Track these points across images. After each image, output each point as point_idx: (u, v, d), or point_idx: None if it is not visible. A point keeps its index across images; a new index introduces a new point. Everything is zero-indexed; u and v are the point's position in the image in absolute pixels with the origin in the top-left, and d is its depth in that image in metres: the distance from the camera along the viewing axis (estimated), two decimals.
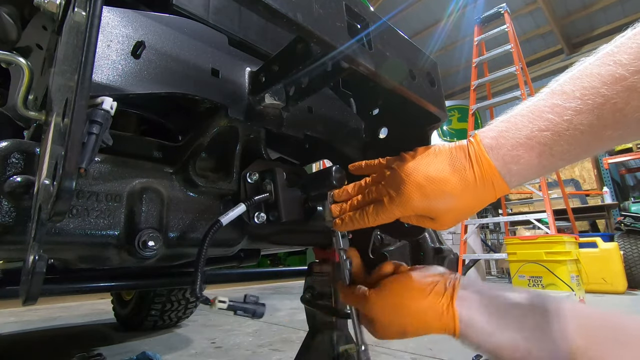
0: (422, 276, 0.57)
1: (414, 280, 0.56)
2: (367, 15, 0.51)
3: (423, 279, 0.56)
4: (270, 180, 0.66)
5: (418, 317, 0.52)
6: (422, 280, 0.56)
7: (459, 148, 0.50)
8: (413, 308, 0.53)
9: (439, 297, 0.53)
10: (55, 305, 4.10)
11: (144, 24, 0.54)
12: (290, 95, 0.64)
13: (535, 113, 0.45)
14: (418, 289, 0.54)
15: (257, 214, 0.65)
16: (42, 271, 0.38)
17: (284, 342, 2.17)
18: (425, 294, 0.53)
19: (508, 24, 4.80)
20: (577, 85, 0.42)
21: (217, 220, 0.57)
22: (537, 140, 0.44)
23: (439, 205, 0.49)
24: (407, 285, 0.55)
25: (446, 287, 0.54)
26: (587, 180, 7.12)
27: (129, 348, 2.16)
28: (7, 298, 0.99)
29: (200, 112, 0.68)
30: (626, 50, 0.39)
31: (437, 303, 0.52)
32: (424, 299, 0.53)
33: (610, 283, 3.97)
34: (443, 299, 0.52)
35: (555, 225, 3.76)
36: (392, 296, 0.55)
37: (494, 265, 6.77)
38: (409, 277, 0.57)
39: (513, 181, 0.48)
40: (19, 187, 0.46)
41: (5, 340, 2.56)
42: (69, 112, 0.35)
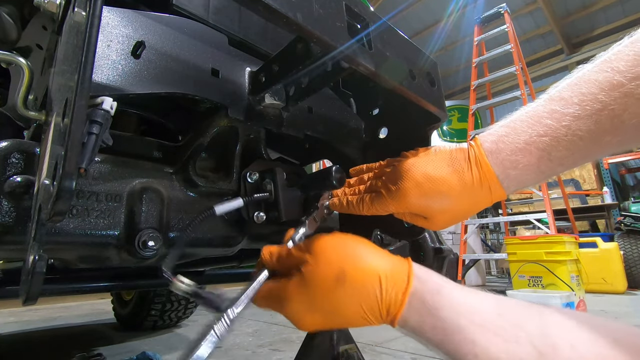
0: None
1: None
2: (367, 15, 0.51)
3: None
4: (270, 180, 0.66)
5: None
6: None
7: (459, 150, 0.51)
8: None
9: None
10: (55, 305, 4.10)
11: (144, 24, 0.54)
12: (290, 95, 0.64)
13: (534, 119, 0.45)
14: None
15: (257, 213, 0.65)
16: (42, 271, 0.38)
17: (284, 342, 2.17)
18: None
19: (508, 24, 4.80)
20: (575, 91, 0.43)
21: (211, 207, 0.57)
22: (535, 146, 0.45)
23: (435, 204, 0.49)
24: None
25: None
26: (587, 180, 7.12)
27: (129, 348, 2.16)
28: (7, 298, 0.99)
29: (200, 112, 0.69)
30: (623, 58, 0.40)
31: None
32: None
33: (610, 283, 3.98)
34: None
35: (555, 225, 3.76)
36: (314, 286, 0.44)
37: (494, 265, 6.77)
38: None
39: (511, 186, 0.48)
40: (19, 187, 0.46)
41: (5, 340, 2.56)
42: (69, 112, 0.35)
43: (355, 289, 0.41)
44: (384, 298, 0.41)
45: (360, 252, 0.44)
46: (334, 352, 0.79)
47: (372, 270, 0.42)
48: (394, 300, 0.41)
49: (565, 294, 2.72)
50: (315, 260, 0.43)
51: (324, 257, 0.43)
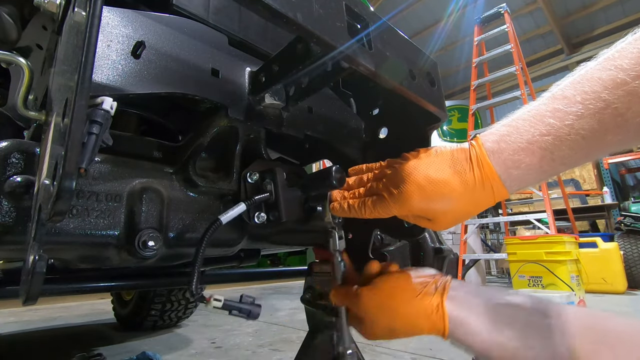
0: (414, 276, 0.57)
1: (405, 279, 0.56)
2: (367, 15, 0.51)
3: (414, 279, 0.56)
4: (270, 180, 0.66)
5: (408, 316, 0.53)
6: (413, 280, 0.56)
7: (461, 150, 0.50)
8: (403, 307, 0.53)
9: (429, 297, 0.53)
10: (55, 305, 4.10)
11: (144, 24, 0.54)
12: (290, 95, 0.64)
13: (537, 117, 0.45)
14: (409, 288, 0.54)
15: (258, 213, 0.65)
16: (42, 271, 0.38)
17: (284, 342, 2.17)
18: (415, 293, 0.54)
19: (508, 24, 4.80)
20: (578, 89, 0.42)
21: (217, 218, 0.57)
22: (538, 145, 0.44)
23: (438, 206, 0.49)
24: (399, 284, 0.55)
25: (437, 287, 0.54)
26: (587, 180, 7.12)
27: (129, 348, 2.16)
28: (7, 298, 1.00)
29: (200, 112, 0.68)
30: (627, 55, 0.39)
31: (427, 303, 0.52)
32: (415, 298, 0.53)
33: (610, 283, 3.98)
34: (433, 299, 0.53)
35: (555, 225, 3.76)
36: (384, 294, 0.55)
37: (494, 265, 6.77)
38: (401, 277, 0.57)
39: (513, 186, 0.48)
40: (19, 187, 0.46)
41: (5, 340, 2.56)
42: (69, 112, 0.35)
43: (405, 334, 0.54)
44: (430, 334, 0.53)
45: (402, 313, 0.53)
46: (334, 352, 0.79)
47: (415, 329, 0.53)
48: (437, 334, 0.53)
49: (565, 294, 2.72)
50: (367, 322, 0.56)
51: (374, 319, 0.55)
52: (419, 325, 0.52)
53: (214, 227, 0.56)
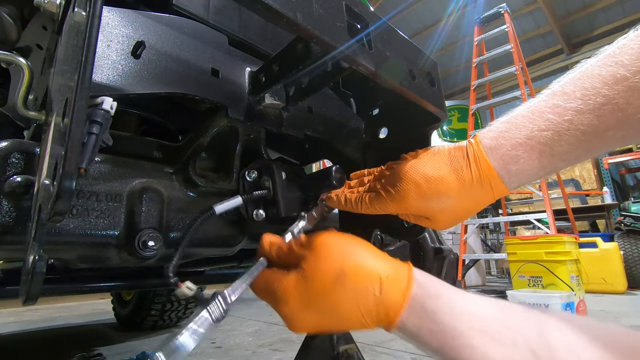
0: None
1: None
2: (367, 15, 0.51)
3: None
4: (268, 176, 0.66)
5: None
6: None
7: (458, 148, 0.50)
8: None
9: None
10: (55, 305, 4.10)
11: (144, 24, 0.54)
12: (290, 95, 0.64)
13: (536, 113, 0.45)
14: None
15: (256, 211, 0.65)
16: (42, 271, 0.38)
17: (284, 342, 2.17)
18: None
19: (508, 24, 4.80)
20: (578, 85, 0.42)
21: (211, 207, 0.57)
22: (537, 140, 0.44)
23: (435, 204, 0.49)
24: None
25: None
26: (587, 180, 7.12)
27: (129, 348, 2.16)
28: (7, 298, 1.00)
29: (200, 112, 0.68)
30: (627, 51, 0.39)
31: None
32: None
33: (610, 283, 3.97)
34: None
35: (555, 225, 3.76)
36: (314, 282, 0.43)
37: (494, 265, 6.77)
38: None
39: (512, 182, 0.47)
40: (19, 187, 0.46)
41: (5, 340, 2.56)
42: (69, 112, 0.35)
43: (355, 288, 0.40)
44: (384, 299, 0.40)
45: (361, 252, 0.43)
46: (334, 352, 0.79)
47: (373, 270, 0.41)
48: (394, 302, 0.40)
49: (565, 294, 2.72)
50: (316, 257, 0.43)
51: (324, 254, 0.43)
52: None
53: (207, 215, 0.56)
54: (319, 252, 0.43)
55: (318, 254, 0.43)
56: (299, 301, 0.42)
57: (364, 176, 0.61)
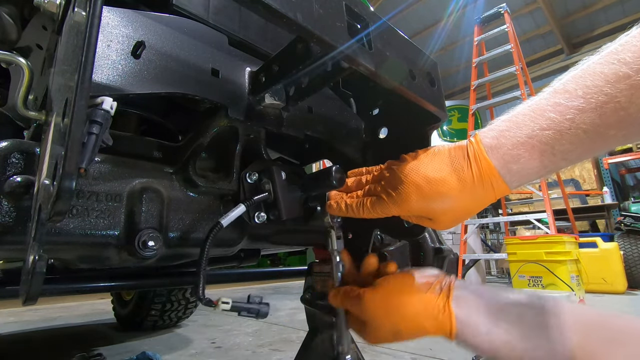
0: (417, 277, 0.56)
1: (409, 280, 0.55)
2: (367, 15, 0.51)
3: (418, 280, 0.55)
4: (268, 179, 0.66)
5: (413, 317, 0.51)
6: (417, 281, 0.55)
7: (458, 148, 0.50)
8: (409, 309, 0.52)
9: (435, 297, 0.52)
10: (55, 305, 4.10)
11: (144, 24, 0.54)
12: (290, 95, 0.64)
13: (537, 112, 0.44)
14: (414, 290, 0.53)
15: (257, 213, 0.65)
16: (42, 271, 0.38)
17: (284, 342, 2.17)
18: (421, 293, 0.53)
19: (508, 24, 4.80)
20: (579, 84, 0.42)
21: (218, 222, 0.57)
22: (538, 139, 0.44)
23: (437, 205, 0.49)
24: (403, 285, 0.54)
25: (442, 287, 0.53)
26: (587, 180, 7.12)
27: (129, 348, 2.16)
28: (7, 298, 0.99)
29: (200, 112, 0.69)
30: (630, 49, 0.39)
31: (433, 303, 0.51)
32: (420, 298, 0.52)
33: (610, 283, 3.97)
34: (439, 299, 0.52)
35: (555, 225, 3.76)
36: (388, 295, 0.54)
37: (494, 265, 6.77)
38: (405, 277, 0.56)
39: (513, 181, 0.47)
40: (19, 187, 0.46)
41: (5, 340, 2.56)
42: (69, 112, 0.35)
43: (411, 336, 0.53)
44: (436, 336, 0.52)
45: (410, 312, 0.52)
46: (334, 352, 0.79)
47: (421, 330, 0.52)
48: (444, 336, 0.52)
49: (565, 294, 2.72)
50: (371, 324, 0.54)
51: (379, 321, 0.53)
52: (424, 326, 0.51)
53: (215, 231, 0.56)
54: (373, 319, 0.54)
55: (372, 321, 0.54)
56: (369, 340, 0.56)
57: (362, 175, 0.61)
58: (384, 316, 0.53)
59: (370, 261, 0.62)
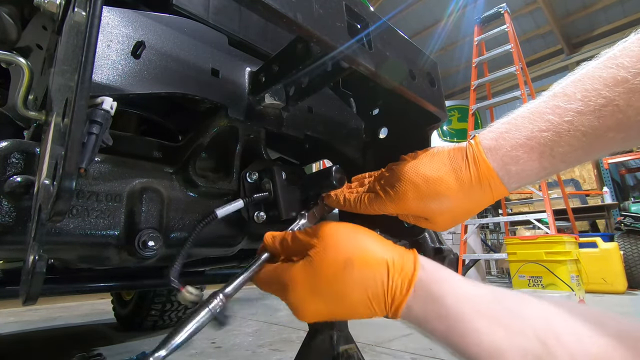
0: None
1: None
2: (367, 15, 0.51)
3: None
4: (268, 178, 0.66)
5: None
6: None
7: (457, 149, 0.50)
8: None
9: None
10: (55, 305, 4.10)
11: (144, 24, 0.54)
12: (290, 95, 0.64)
13: (536, 114, 0.45)
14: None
15: (257, 213, 0.65)
16: (42, 271, 0.38)
17: (284, 342, 2.17)
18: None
19: (508, 24, 4.80)
20: (578, 87, 0.42)
21: (213, 211, 0.57)
22: (537, 141, 0.44)
23: (434, 205, 0.49)
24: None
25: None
26: (587, 180, 7.12)
27: (129, 348, 2.16)
28: (7, 298, 1.00)
29: (200, 112, 0.68)
30: (628, 54, 0.39)
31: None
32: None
33: (610, 283, 3.97)
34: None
35: (555, 225, 3.76)
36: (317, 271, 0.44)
37: (494, 265, 6.77)
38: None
39: (512, 183, 0.47)
40: (19, 187, 0.46)
41: (5, 340, 2.56)
42: (69, 112, 0.35)
43: (363, 275, 0.41)
44: (390, 285, 0.41)
45: (369, 240, 0.45)
46: (334, 352, 0.79)
47: (380, 257, 0.42)
48: (400, 288, 0.41)
49: (565, 294, 2.72)
50: (324, 245, 0.43)
51: (333, 242, 0.43)
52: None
53: (209, 219, 0.56)
54: (327, 240, 0.44)
55: (326, 242, 0.44)
56: (307, 288, 0.43)
57: (365, 178, 0.61)
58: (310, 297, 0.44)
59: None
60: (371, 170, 0.62)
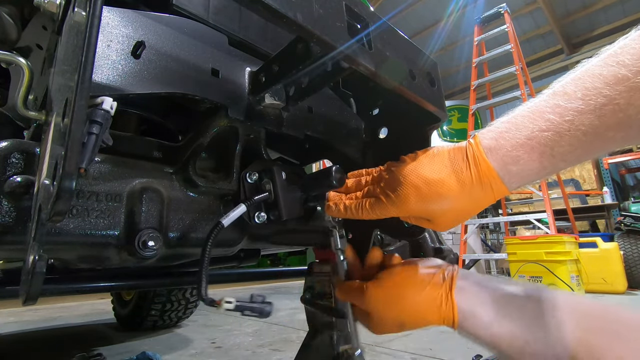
0: (420, 267, 0.56)
1: (412, 271, 0.56)
2: (367, 15, 0.51)
3: (421, 270, 0.56)
4: (269, 179, 0.66)
5: (416, 308, 0.52)
6: (420, 272, 0.55)
7: (457, 149, 0.50)
8: (411, 299, 0.53)
9: (438, 288, 0.53)
10: (55, 305, 4.10)
11: (144, 24, 0.54)
12: (290, 95, 0.64)
13: (536, 113, 0.45)
14: (416, 280, 0.54)
15: (258, 213, 0.65)
16: (42, 271, 0.38)
17: (284, 342, 2.17)
18: (423, 284, 0.53)
19: (508, 24, 4.81)
20: (579, 86, 0.42)
21: (219, 222, 0.57)
22: (537, 141, 0.44)
23: (436, 206, 0.49)
24: (406, 276, 0.55)
25: (444, 277, 0.54)
26: (587, 180, 7.12)
27: (129, 348, 2.16)
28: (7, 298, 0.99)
29: (200, 112, 0.68)
30: (629, 51, 0.39)
31: (435, 293, 0.52)
32: (423, 289, 0.53)
33: (610, 283, 3.97)
34: (442, 290, 0.52)
35: (555, 225, 3.76)
36: (390, 287, 0.55)
37: (494, 265, 6.77)
38: (408, 268, 0.56)
39: (512, 183, 0.47)
40: (19, 187, 0.46)
41: (5, 340, 2.56)
42: (69, 112, 0.35)
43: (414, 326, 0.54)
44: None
45: (412, 307, 0.53)
46: (334, 352, 0.79)
47: (424, 321, 0.53)
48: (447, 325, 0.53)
49: None
50: (374, 318, 0.56)
51: (381, 316, 0.55)
52: (427, 317, 0.52)
53: (216, 231, 0.56)
54: (375, 314, 0.55)
55: (374, 316, 0.56)
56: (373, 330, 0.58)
57: (362, 176, 0.61)
58: (387, 308, 0.54)
59: (374, 255, 0.63)
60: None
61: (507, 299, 0.50)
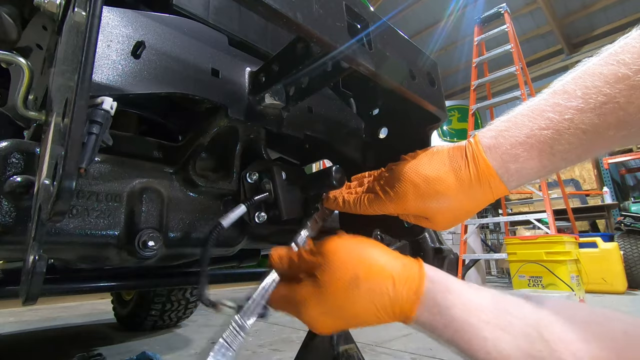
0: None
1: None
2: (367, 15, 0.51)
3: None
4: (268, 179, 0.66)
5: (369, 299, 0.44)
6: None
7: (457, 148, 0.50)
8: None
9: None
10: (55, 305, 4.10)
11: (144, 24, 0.54)
12: (290, 95, 0.64)
13: (536, 112, 0.44)
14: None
15: (258, 213, 0.65)
16: (42, 271, 0.38)
17: (284, 342, 2.17)
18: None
19: (508, 24, 4.80)
20: (579, 84, 0.42)
21: (218, 222, 0.57)
22: (537, 139, 0.44)
23: (434, 205, 0.49)
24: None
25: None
26: (587, 180, 7.12)
27: (129, 348, 2.16)
28: (7, 298, 0.99)
29: (200, 112, 0.68)
30: (630, 50, 0.39)
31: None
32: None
33: (610, 283, 3.97)
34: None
35: (555, 225, 3.76)
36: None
37: (494, 265, 6.77)
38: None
39: (512, 181, 0.47)
40: (19, 187, 0.46)
41: (5, 340, 2.56)
42: (69, 112, 0.35)
43: (370, 290, 0.42)
44: (397, 297, 0.42)
45: (373, 254, 0.45)
46: (334, 352, 0.79)
47: (385, 271, 0.43)
48: (407, 300, 0.42)
49: (565, 294, 2.72)
50: (329, 265, 0.44)
51: (337, 261, 0.44)
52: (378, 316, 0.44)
53: (216, 232, 0.56)
54: (331, 259, 0.45)
55: (330, 261, 0.45)
56: (318, 308, 0.45)
57: (364, 178, 0.61)
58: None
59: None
60: (371, 170, 0.62)
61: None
